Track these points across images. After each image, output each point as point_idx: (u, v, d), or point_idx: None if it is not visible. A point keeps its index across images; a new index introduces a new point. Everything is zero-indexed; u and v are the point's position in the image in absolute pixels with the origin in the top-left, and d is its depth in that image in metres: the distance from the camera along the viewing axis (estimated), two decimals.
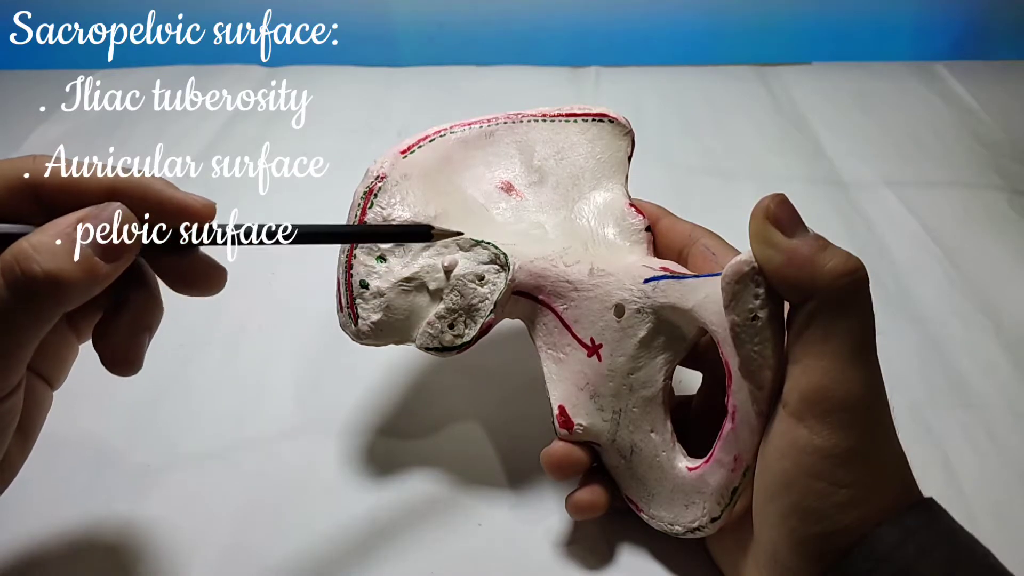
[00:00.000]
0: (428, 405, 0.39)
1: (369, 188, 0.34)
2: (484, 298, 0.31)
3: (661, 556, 0.32)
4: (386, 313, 0.32)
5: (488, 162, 0.37)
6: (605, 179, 0.35)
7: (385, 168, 0.35)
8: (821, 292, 0.24)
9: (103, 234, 0.23)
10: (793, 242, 0.25)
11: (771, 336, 0.25)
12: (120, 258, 0.23)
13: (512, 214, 0.35)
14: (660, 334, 0.30)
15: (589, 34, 0.78)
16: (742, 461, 0.27)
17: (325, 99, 0.68)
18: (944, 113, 0.65)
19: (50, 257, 0.22)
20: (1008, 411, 0.39)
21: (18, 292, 0.21)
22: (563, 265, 0.32)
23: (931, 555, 0.23)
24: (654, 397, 0.30)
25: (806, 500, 0.24)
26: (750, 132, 0.63)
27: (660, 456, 0.30)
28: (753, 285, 0.25)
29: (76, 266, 0.22)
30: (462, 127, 0.37)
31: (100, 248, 0.23)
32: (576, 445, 0.32)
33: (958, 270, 0.48)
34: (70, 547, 0.33)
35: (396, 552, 0.33)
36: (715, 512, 0.28)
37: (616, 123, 0.37)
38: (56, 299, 0.22)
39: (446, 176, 0.36)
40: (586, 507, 0.32)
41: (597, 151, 0.36)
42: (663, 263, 0.31)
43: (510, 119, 0.38)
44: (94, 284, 0.23)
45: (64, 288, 0.22)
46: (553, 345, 0.33)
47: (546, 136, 0.37)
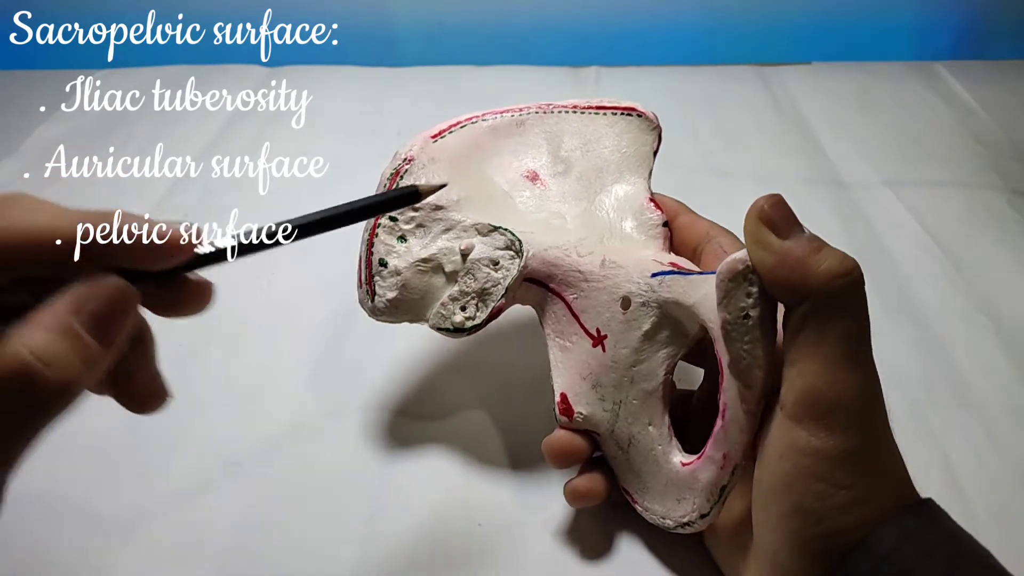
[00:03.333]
0: (429, 405, 0.39)
1: (396, 170, 0.35)
2: (497, 283, 0.32)
3: (660, 553, 0.32)
4: (402, 292, 0.33)
5: (516, 151, 0.37)
6: (628, 173, 0.36)
7: (414, 151, 0.35)
8: (814, 294, 0.24)
9: (104, 316, 0.20)
10: (786, 244, 0.25)
11: (762, 336, 0.25)
12: (122, 332, 0.21)
13: (534, 203, 0.36)
14: (664, 328, 0.30)
15: (589, 34, 0.77)
16: (731, 459, 0.27)
17: (325, 99, 0.68)
18: (944, 113, 0.65)
19: (60, 367, 0.19)
20: (1008, 411, 0.39)
21: (26, 403, 0.19)
22: (576, 255, 0.32)
23: (931, 556, 0.23)
24: (654, 391, 0.30)
25: (805, 501, 0.24)
26: (750, 132, 0.63)
27: (656, 449, 0.30)
28: (746, 284, 0.25)
29: (85, 365, 0.20)
30: (494, 115, 0.38)
31: (102, 333, 0.20)
32: (577, 434, 0.32)
33: (958, 270, 0.48)
34: (70, 547, 0.33)
35: (396, 552, 0.33)
36: (704, 509, 0.28)
37: (644, 118, 0.37)
38: (68, 400, 0.20)
39: (474, 162, 0.36)
40: (583, 494, 0.32)
41: (623, 145, 0.36)
42: (673, 259, 0.31)
43: (541, 109, 0.38)
44: (102, 370, 0.21)
45: (77, 390, 0.20)
46: (561, 333, 0.33)
47: (575, 127, 0.37)
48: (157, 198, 0.56)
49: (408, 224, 0.34)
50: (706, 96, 0.68)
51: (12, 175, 0.58)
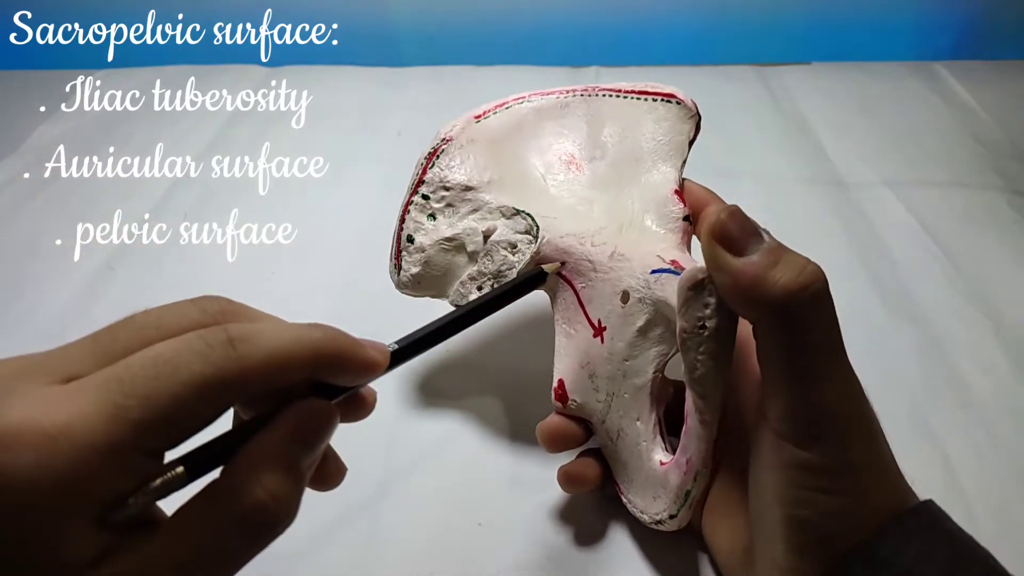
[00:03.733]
0: (429, 405, 0.39)
1: (434, 149, 0.36)
2: (512, 266, 0.33)
3: (651, 548, 0.32)
4: (425, 268, 0.35)
5: (557, 133, 0.38)
6: (661, 162, 0.35)
7: (454, 131, 0.36)
8: (775, 310, 0.23)
9: (316, 441, 0.21)
10: (739, 262, 0.24)
11: (717, 347, 0.25)
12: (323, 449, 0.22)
13: (566, 187, 0.36)
14: (657, 326, 0.30)
15: (589, 34, 0.78)
16: (693, 466, 0.27)
17: (325, 99, 0.68)
18: (944, 113, 0.65)
19: (285, 505, 0.19)
20: (1008, 411, 0.39)
21: (252, 538, 0.19)
22: (590, 245, 0.32)
23: (931, 557, 0.23)
24: (643, 387, 0.30)
25: (797, 510, 0.24)
26: (750, 132, 0.63)
27: (641, 445, 0.30)
28: (705, 294, 0.25)
29: (300, 495, 0.20)
30: (540, 96, 0.38)
31: (312, 458, 0.21)
32: (571, 420, 0.33)
33: (958, 270, 0.48)
34: None
35: (396, 552, 0.33)
36: (672, 510, 0.29)
37: (683, 105, 0.36)
38: (281, 530, 0.20)
39: (513, 144, 0.37)
40: (576, 478, 0.32)
41: (660, 133, 0.36)
42: (676, 256, 0.31)
43: (587, 92, 0.38)
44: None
45: (292, 519, 0.20)
46: (568, 320, 0.33)
47: (616, 112, 0.37)
48: (157, 198, 0.56)
49: (439, 203, 0.35)
50: (706, 96, 0.67)
51: (12, 175, 0.59)
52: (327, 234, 0.51)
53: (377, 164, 0.59)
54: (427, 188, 0.35)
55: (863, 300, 0.45)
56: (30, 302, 0.46)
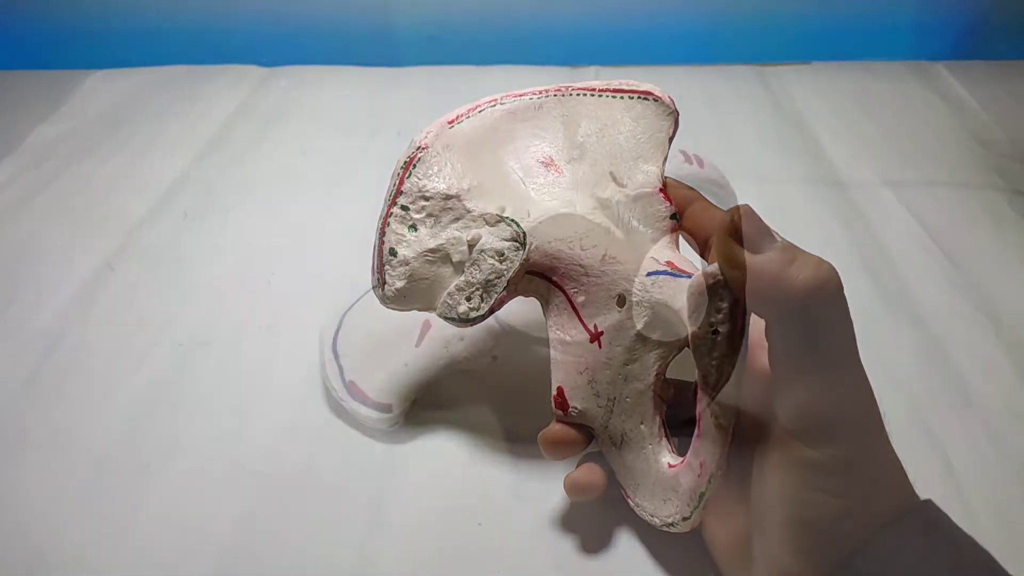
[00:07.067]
0: (429, 405, 0.39)
1: (409, 158, 0.35)
2: (500, 275, 0.32)
3: (658, 550, 0.32)
4: (410, 281, 0.33)
5: (533, 135, 0.37)
6: (642, 161, 0.35)
7: (429, 139, 0.35)
8: (792, 308, 0.23)
9: None
10: (757, 259, 0.24)
11: (730, 351, 0.25)
12: None
13: (547, 190, 0.35)
14: (656, 329, 0.30)
15: (589, 34, 0.77)
16: (707, 468, 0.27)
17: (325, 99, 0.68)
18: (944, 113, 0.65)
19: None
20: (1008, 411, 0.39)
21: None
22: (579, 248, 0.32)
23: (932, 558, 0.23)
24: (645, 391, 0.30)
25: (803, 511, 0.24)
26: (750, 132, 0.63)
27: (646, 448, 0.30)
28: (716, 299, 0.25)
29: None
30: (512, 98, 0.37)
31: None
32: (572, 427, 0.32)
33: (958, 270, 0.48)
34: (69, 548, 0.33)
35: (396, 552, 0.33)
36: (685, 512, 0.29)
37: (660, 102, 0.36)
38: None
39: (490, 148, 0.36)
40: (583, 486, 0.32)
41: (639, 131, 0.35)
42: (670, 257, 0.31)
43: (561, 91, 0.37)
44: None
45: None
46: (561, 327, 0.33)
47: (592, 111, 0.37)
48: (157, 198, 0.56)
49: (419, 213, 0.34)
50: (706, 96, 0.68)
51: (12, 175, 0.58)
52: (327, 234, 0.51)
53: (377, 164, 0.58)
54: (406, 199, 0.34)
55: (863, 300, 0.45)
56: (30, 302, 0.46)
